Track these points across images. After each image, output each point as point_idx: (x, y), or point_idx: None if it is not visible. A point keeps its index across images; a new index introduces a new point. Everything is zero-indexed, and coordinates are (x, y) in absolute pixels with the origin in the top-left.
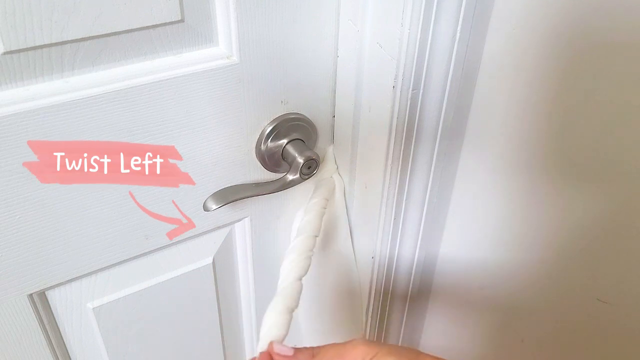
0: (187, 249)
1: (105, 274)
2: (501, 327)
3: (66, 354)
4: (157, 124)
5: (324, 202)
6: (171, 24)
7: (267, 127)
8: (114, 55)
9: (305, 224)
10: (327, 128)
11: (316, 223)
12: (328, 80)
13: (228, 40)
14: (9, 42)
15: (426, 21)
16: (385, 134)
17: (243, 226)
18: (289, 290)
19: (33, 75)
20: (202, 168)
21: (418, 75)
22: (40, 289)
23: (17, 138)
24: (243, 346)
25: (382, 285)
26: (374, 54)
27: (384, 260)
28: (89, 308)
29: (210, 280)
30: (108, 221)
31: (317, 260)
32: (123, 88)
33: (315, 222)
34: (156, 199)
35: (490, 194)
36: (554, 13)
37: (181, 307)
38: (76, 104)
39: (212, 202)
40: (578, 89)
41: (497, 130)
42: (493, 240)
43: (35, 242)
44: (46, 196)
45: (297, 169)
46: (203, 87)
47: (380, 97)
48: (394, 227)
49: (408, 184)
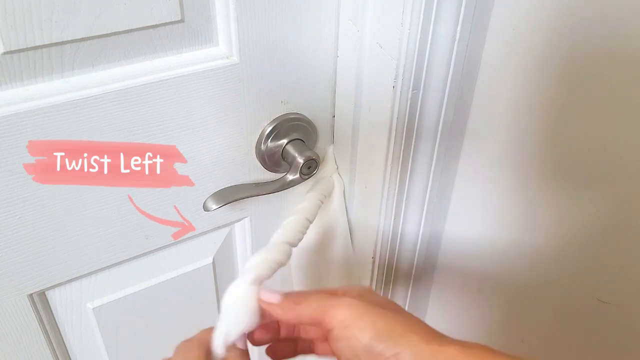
0: (187, 249)
1: (105, 274)
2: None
3: (66, 354)
4: (157, 124)
5: (322, 196)
6: (171, 24)
7: (267, 127)
8: (114, 55)
9: (300, 208)
10: (327, 128)
11: (311, 209)
12: (328, 80)
13: (228, 40)
14: (9, 42)
15: (426, 21)
16: (385, 134)
17: (243, 226)
18: (276, 246)
19: (33, 75)
20: (202, 168)
21: (418, 75)
22: (40, 289)
23: (17, 138)
24: None
25: (382, 287)
26: (374, 54)
27: (384, 261)
28: (89, 308)
29: (210, 280)
30: (108, 221)
31: (316, 260)
32: (123, 88)
33: (310, 207)
34: (155, 200)
35: (490, 194)
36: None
37: (181, 307)
38: (76, 104)
39: (212, 202)
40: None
41: (497, 130)
42: (493, 240)
43: (35, 242)
44: (46, 196)
45: (297, 169)
46: (203, 87)
47: (380, 97)
48: (394, 227)
49: (408, 184)
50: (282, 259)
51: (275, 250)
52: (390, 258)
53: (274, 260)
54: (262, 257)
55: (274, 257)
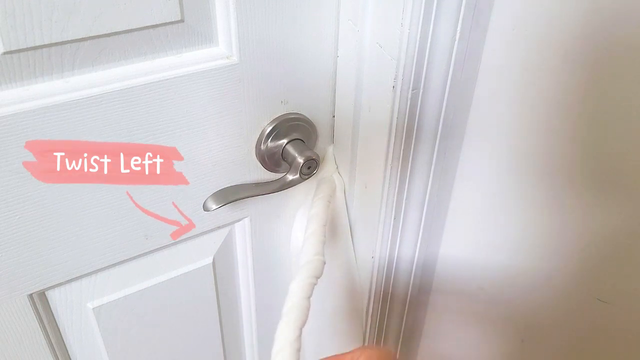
0: (187, 249)
1: (105, 274)
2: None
3: (66, 354)
4: (157, 124)
5: (329, 197)
6: (171, 24)
7: (267, 127)
8: (114, 55)
9: (314, 214)
10: (327, 128)
11: (324, 214)
12: (328, 80)
13: (228, 40)
14: (9, 42)
15: (426, 21)
16: (385, 134)
17: (243, 226)
18: (297, 307)
19: (33, 75)
20: (202, 168)
21: (418, 75)
22: (40, 289)
23: (17, 138)
24: (243, 346)
25: (382, 286)
26: (374, 54)
27: (384, 260)
28: (89, 308)
29: (210, 280)
30: (108, 221)
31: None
32: (123, 88)
33: (323, 213)
34: (155, 199)
35: (490, 194)
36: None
37: (181, 307)
38: (76, 104)
39: (212, 202)
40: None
41: (497, 131)
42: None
43: (35, 242)
44: (46, 196)
45: (297, 169)
46: (203, 87)
47: (380, 97)
48: (393, 227)
49: (408, 184)
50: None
51: (313, 271)
52: (391, 257)
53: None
54: (302, 295)
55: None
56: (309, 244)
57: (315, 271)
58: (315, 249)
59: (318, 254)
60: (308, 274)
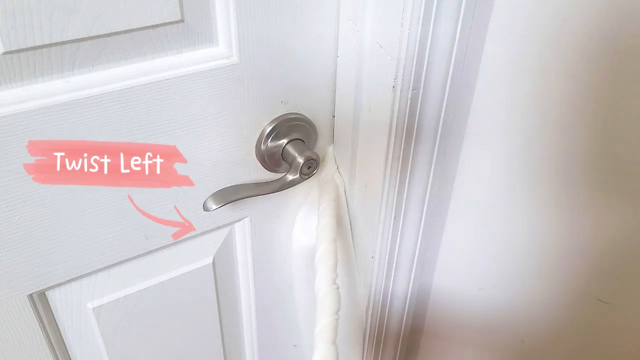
0: (187, 249)
1: (105, 274)
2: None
3: (66, 354)
4: (157, 124)
5: (334, 204)
6: (171, 24)
7: (267, 127)
8: (114, 55)
9: (323, 226)
10: (327, 128)
11: (333, 228)
12: (328, 80)
13: (228, 40)
14: (9, 42)
15: (426, 21)
16: (385, 134)
17: (243, 226)
18: (326, 356)
19: (33, 75)
20: (202, 168)
21: (418, 75)
22: (40, 289)
23: (17, 138)
24: (243, 346)
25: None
26: (374, 54)
27: (384, 260)
28: (89, 308)
29: (210, 280)
30: (108, 221)
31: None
32: (123, 88)
33: (330, 227)
34: (155, 200)
35: (490, 194)
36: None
37: (181, 307)
38: (76, 104)
39: (212, 202)
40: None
41: (497, 130)
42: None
43: (35, 242)
44: (46, 196)
45: (297, 169)
46: (203, 87)
47: (380, 97)
48: (393, 226)
49: (408, 184)
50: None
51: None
52: (391, 257)
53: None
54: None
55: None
56: (323, 269)
57: (335, 306)
58: (330, 277)
59: (333, 282)
60: (329, 311)
